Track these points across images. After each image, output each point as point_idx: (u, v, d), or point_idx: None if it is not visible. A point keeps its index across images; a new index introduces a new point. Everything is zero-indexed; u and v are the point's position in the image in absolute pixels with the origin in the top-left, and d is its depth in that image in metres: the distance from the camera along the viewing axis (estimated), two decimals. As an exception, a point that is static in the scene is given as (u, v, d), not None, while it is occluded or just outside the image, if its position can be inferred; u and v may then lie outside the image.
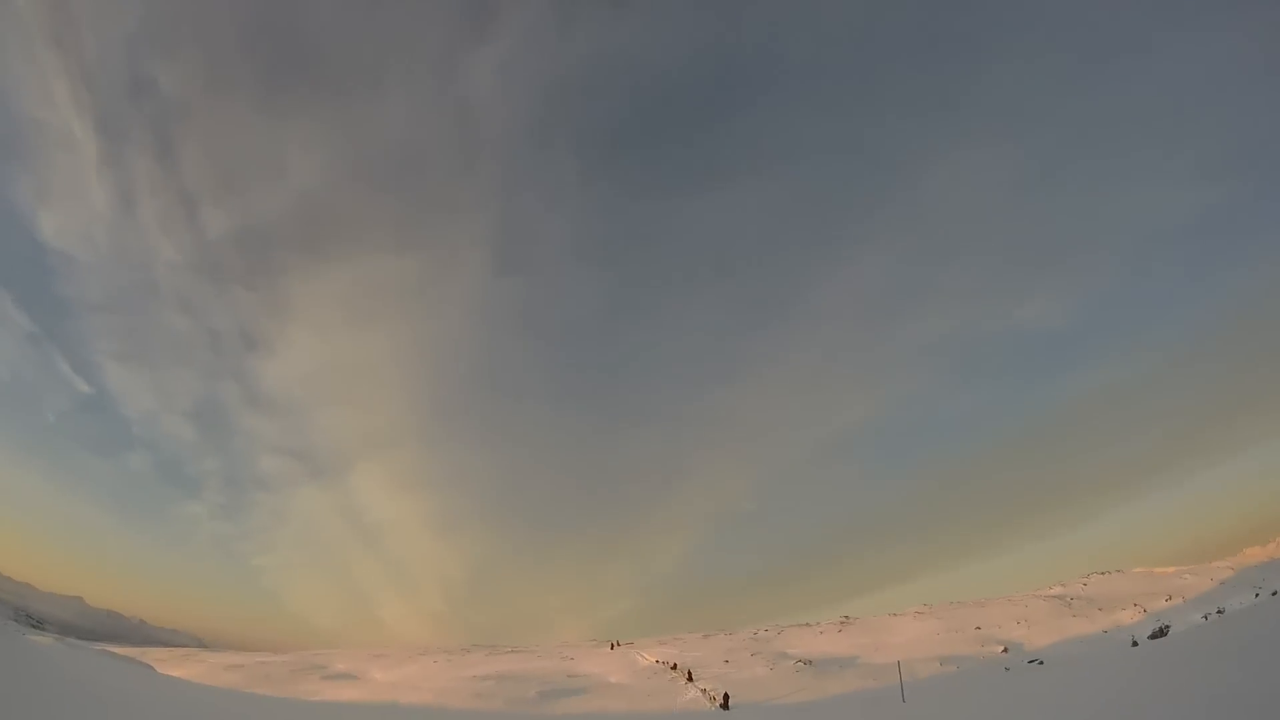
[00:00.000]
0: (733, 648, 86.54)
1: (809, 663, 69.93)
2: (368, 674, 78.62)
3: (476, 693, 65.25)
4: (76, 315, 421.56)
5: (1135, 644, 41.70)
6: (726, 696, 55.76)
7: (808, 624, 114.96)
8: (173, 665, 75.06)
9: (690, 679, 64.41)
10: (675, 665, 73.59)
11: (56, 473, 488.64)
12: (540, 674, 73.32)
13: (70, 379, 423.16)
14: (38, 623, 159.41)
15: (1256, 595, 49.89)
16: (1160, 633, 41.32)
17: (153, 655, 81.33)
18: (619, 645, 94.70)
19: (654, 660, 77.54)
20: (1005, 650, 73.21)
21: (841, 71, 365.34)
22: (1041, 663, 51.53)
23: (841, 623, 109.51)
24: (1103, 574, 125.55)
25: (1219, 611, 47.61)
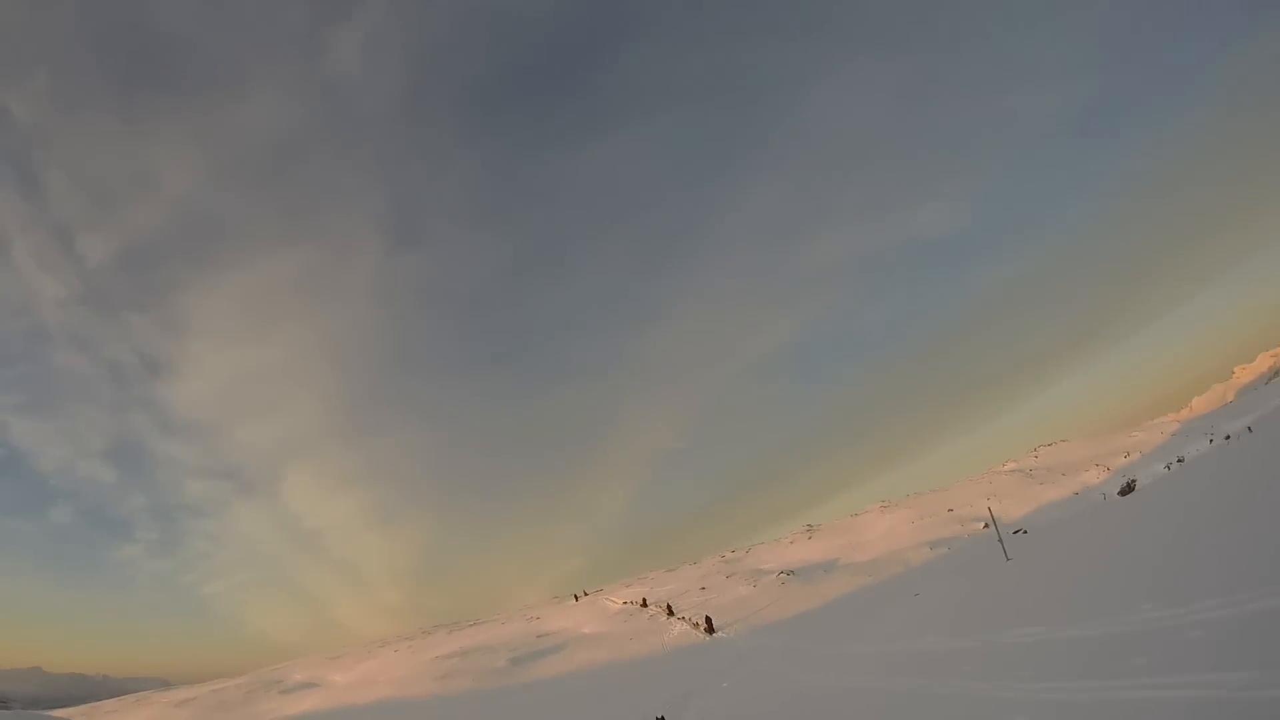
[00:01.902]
0: (705, 574, 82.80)
1: (791, 573, 66.49)
2: (327, 679, 71.71)
3: (441, 674, 58.87)
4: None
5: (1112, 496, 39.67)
6: (709, 620, 51.28)
7: (774, 540, 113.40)
8: (124, 714, 68.24)
9: (671, 612, 59.77)
10: (645, 602, 68.96)
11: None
12: (508, 640, 67.51)
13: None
14: (3, 702, 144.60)
15: (1210, 441, 49.13)
16: (1129, 488, 39.33)
17: (106, 708, 74.72)
18: (584, 595, 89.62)
19: (623, 603, 72.85)
20: (987, 526, 71.79)
21: (713, 4, 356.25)
22: (1026, 532, 49.32)
23: (808, 530, 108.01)
24: (1048, 445, 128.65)
25: (1179, 460, 47.04)
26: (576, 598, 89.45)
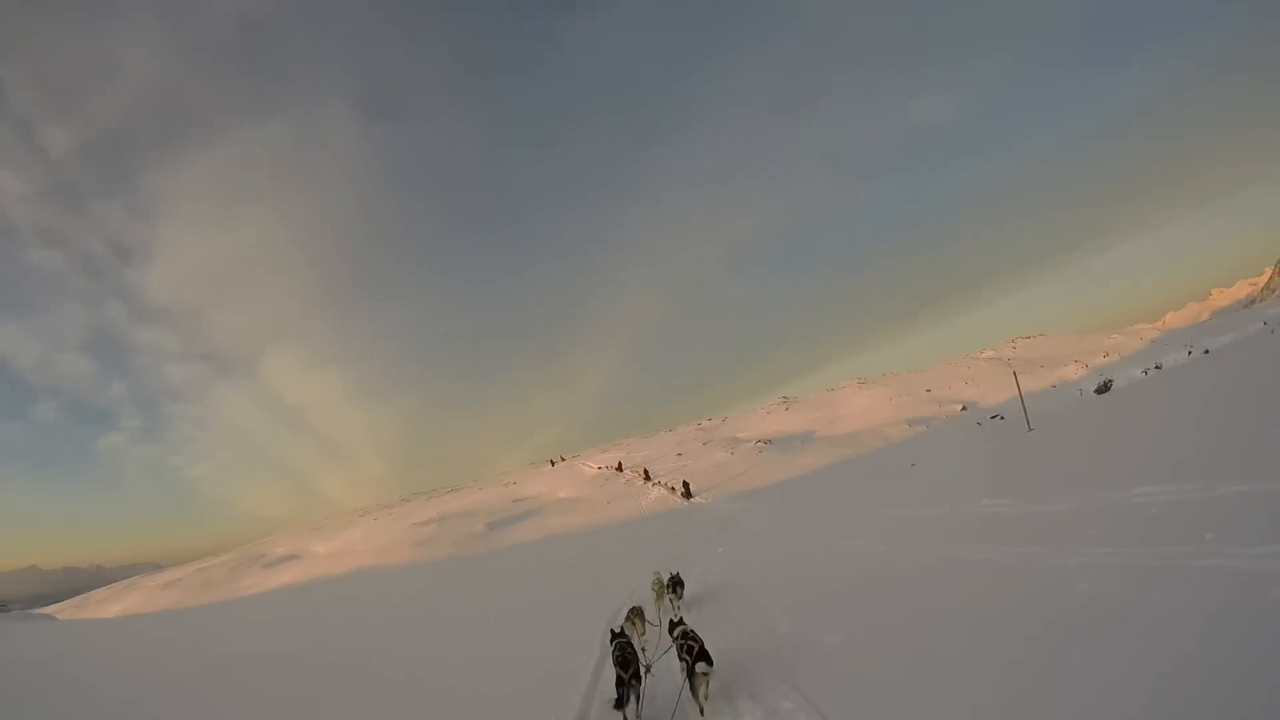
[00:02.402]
0: (681, 440, 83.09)
1: (769, 442, 66.48)
2: (309, 550, 72.11)
3: (418, 540, 58.99)
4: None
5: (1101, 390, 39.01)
6: (687, 485, 50.97)
7: (750, 410, 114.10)
8: (111, 602, 67.52)
9: (648, 477, 59.69)
10: (621, 466, 69.00)
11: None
12: (485, 506, 67.68)
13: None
14: (2, 605, 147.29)
15: (1190, 353, 48.95)
16: (1105, 387, 38.95)
17: (96, 598, 74.25)
18: (561, 461, 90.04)
19: (598, 468, 73.04)
20: (964, 409, 71.86)
21: None
22: (1003, 418, 48.96)
23: (784, 402, 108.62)
24: (1026, 338, 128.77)
25: (1157, 367, 46.57)
26: (553, 463, 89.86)
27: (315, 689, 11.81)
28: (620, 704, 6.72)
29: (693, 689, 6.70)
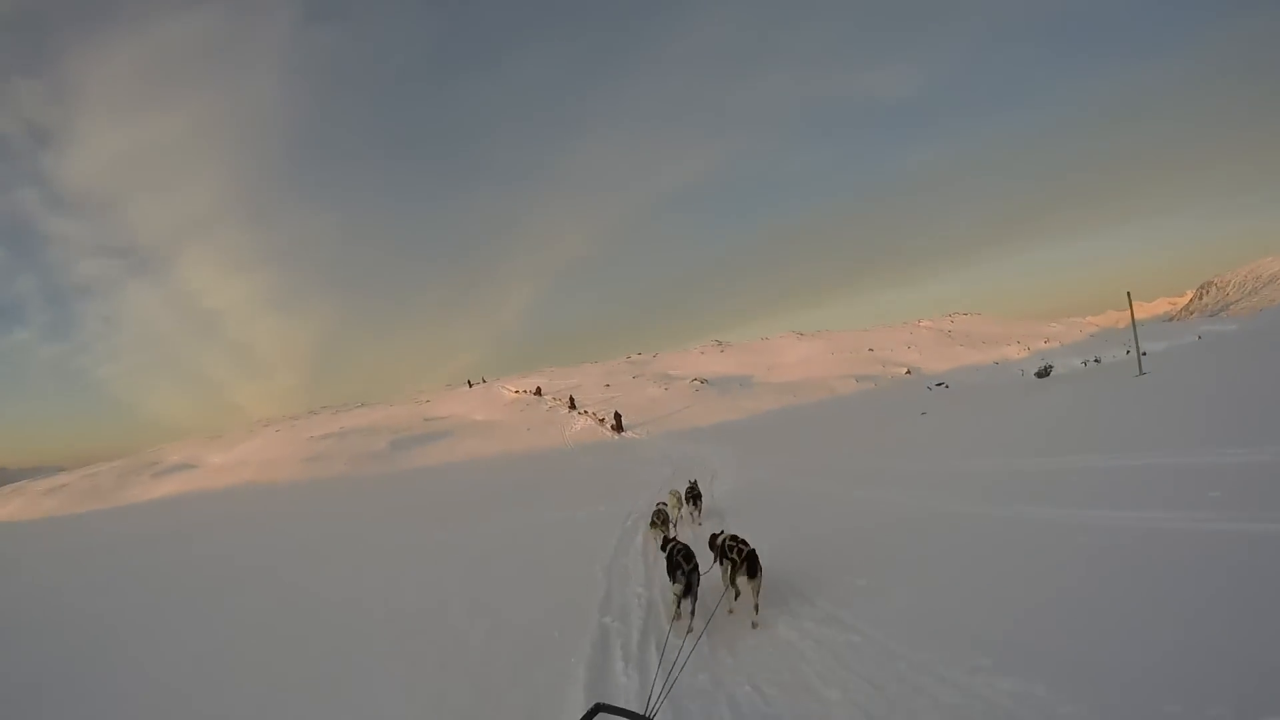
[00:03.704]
0: (609, 372, 79.03)
1: (705, 381, 63.16)
2: (204, 460, 66.23)
3: (312, 455, 53.55)
4: None
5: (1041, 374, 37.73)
6: (618, 417, 47.11)
7: (683, 350, 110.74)
8: None
9: (573, 406, 55.66)
10: (540, 390, 64.85)
11: None
12: (392, 423, 62.43)
13: None
14: None
15: (1128, 352, 48.78)
16: (1045, 372, 38.05)
17: None
18: (480, 383, 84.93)
19: (517, 391, 68.63)
20: (909, 372, 70.33)
21: None
22: (947, 386, 47.56)
23: (718, 345, 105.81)
24: (964, 314, 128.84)
25: (1096, 360, 47.84)
26: (470, 384, 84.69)
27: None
28: (687, 591, 6.66)
29: (733, 586, 6.74)
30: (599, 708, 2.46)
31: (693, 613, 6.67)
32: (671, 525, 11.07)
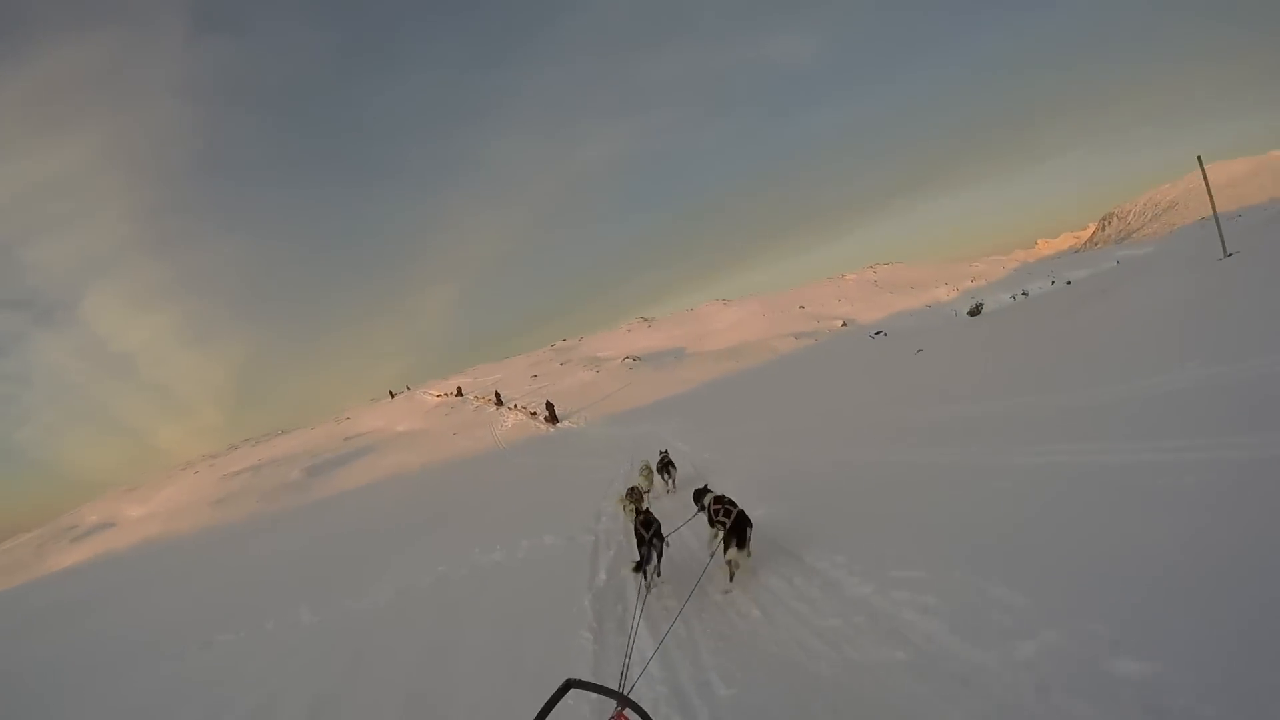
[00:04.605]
0: (535, 362, 75.85)
1: (638, 359, 60.77)
2: (121, 515, 61.36)
3: (219, 497, 49.00)
4: None
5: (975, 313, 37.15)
6: (550, 407, 44.20)
7: (609, 330, 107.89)
8: None
9: (499, 401, 52.48)
10: (460, 391, 61.39)
11: None
12: (310, 448, 57.89)
13: None
14: None
15: (1053, 283, 50.95)
16: (977, 310, 37.75)
17: None
18: (406, 391, 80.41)
19: (439, 395, 64.84)
20: (845, 325, 69.66)
21: None
22: (885, 334, 47.07)
23: (644, 322, 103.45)
24: (885, 265, 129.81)
25: (1024, 294, 48.35)
26: (392, 394, 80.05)
27: None
28: (642, 565, 6.29)
29: (726, 549, 5.99)
30: (570, 684, 2.28)
31: (658, 573, 6.37)
32: (645, 497, 10.02)
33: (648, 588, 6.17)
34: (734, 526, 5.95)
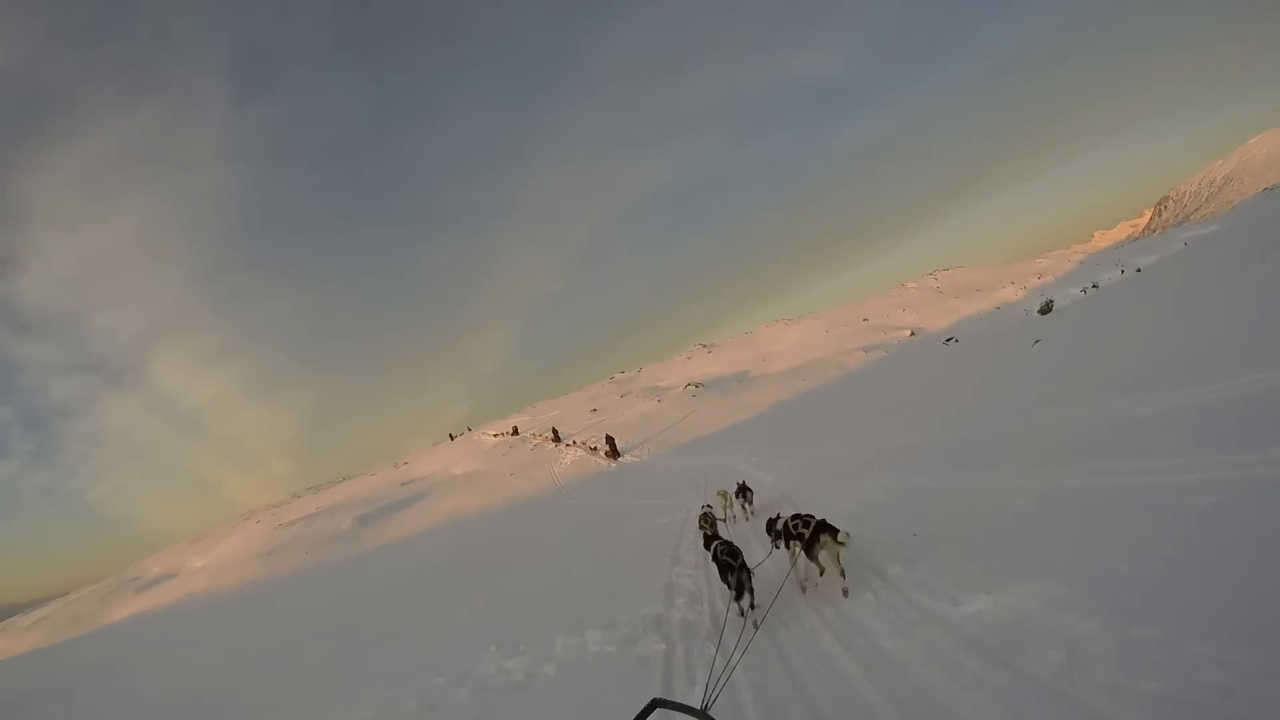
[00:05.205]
0: (594, 396, 72.88)
1: (700, 385, 57.06)
2: (185, 565, 60.89)
3: (269, 550, 47.15)
4: None
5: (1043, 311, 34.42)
6: (611, 440, 40.78)
7: (669, 359, 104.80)
8: None
9: (558, 439, 49.32)
10: (516, 430, 58.54)
11: None
12: (366, 495, 55.99)
13: None
14: None
15: (1122, 271, 48.91)
16: (1047, 307, 35.79)
17: None
18: (466, 433, 78.37)
19: (496, 435, 62.18)
20: (913, 334, 65.11)
21: None
22: (957, 341, 43.08)
23: (704, 348, 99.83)
24: (945, 270, 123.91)
25: (1094, 286, 46.44)
26: (452, 437, 78.24)
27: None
28: (739, 595, 5.99)
29: (815, 561, 5.85)
30: (656, 703, 2.30)
31: (753, 606, 5.96)
32: (721, 523, 10.29)
33: (753, 624, 5.72)
34: (815, 529, 5.75)
